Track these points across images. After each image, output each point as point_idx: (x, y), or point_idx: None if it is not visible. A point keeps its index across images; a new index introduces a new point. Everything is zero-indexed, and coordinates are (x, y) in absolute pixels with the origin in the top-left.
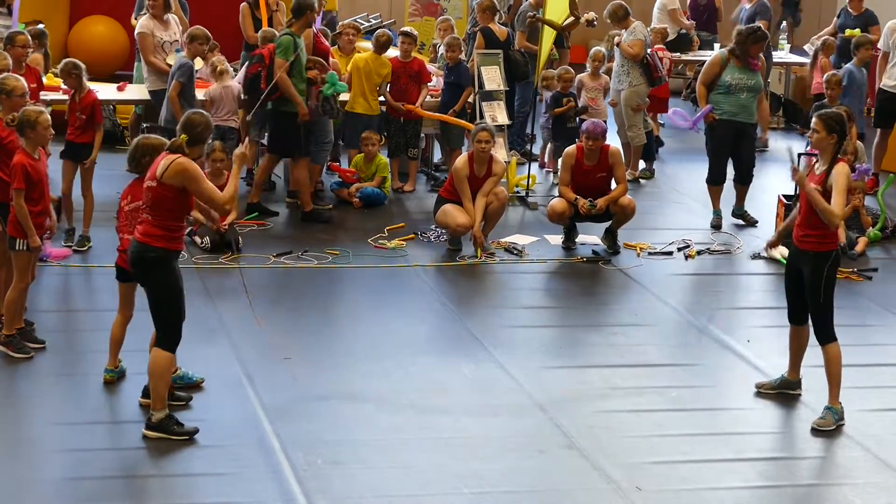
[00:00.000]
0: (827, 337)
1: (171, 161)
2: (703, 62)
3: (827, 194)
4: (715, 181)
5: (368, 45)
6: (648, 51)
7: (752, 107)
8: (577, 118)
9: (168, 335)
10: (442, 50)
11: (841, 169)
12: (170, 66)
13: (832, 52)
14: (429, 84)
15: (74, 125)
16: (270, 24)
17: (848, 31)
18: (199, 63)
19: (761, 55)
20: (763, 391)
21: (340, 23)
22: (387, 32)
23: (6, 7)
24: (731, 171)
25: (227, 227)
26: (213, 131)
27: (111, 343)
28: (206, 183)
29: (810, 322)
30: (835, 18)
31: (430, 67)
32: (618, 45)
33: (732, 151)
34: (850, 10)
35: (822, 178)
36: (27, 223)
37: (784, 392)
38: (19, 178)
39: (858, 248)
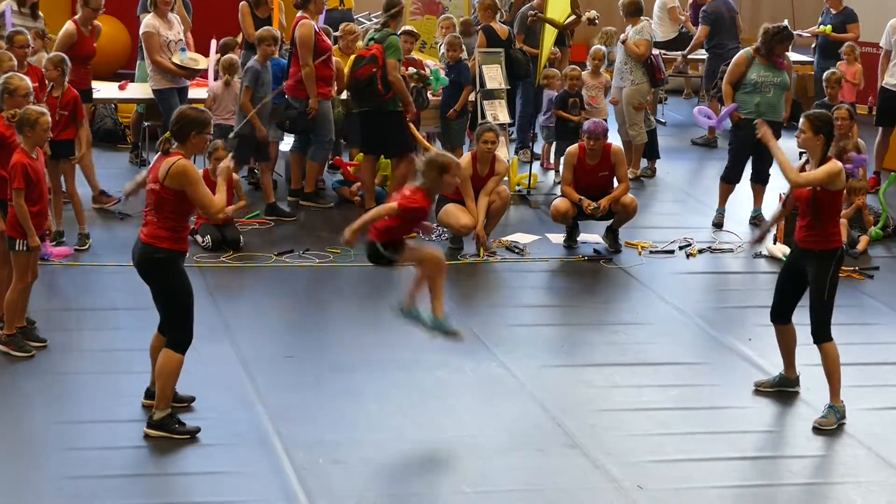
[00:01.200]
0: (824, 336)
1: (172, 164)
2: (702, 61)
3: (819, 198)
4: (730, 180)
5: None
6: (653, 52)
7: (779, 105)
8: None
9: (178, 337)
10: (443, 49)
11: (828, 163)
12: (175, 64)
13: (856, 59)
14: None
15: (54, 122)
16: (270, 23)
17: (821, 28)
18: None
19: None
20: (762, 389)
21: (341, 25)
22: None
23: (28, 7)
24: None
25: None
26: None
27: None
28: (203, 188)
29: (805, 320)
30: (819, 18)
31: (430, 63)
32: (623, 42)
33: (755, 150)
34: (830, 9)
35: None
36: (27, 223)
37: (783, 390)
38: (19, 178)
39: (860, 246)
